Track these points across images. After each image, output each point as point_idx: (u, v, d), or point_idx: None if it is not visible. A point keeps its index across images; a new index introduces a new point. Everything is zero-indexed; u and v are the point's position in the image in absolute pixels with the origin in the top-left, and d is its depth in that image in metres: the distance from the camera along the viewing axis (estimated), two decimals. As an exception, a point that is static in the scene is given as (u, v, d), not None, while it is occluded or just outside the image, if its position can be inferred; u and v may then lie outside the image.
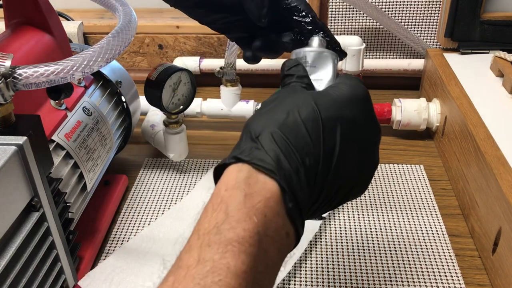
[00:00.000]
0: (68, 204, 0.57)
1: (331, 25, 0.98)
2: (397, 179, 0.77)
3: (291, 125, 0.36)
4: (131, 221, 0.70)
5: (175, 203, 0.73)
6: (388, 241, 0.66)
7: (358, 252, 0.64)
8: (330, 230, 0.67)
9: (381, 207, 0.71)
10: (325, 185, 0.36)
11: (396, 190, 0.74)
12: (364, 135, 0.39)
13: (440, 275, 0.60)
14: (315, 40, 0.44)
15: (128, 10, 0.57)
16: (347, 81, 0.40)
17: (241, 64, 0.99)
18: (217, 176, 0.37)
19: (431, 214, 0.70)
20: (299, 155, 0.35)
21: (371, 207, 0.71)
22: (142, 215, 0.71)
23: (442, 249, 0.64)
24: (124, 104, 0.74)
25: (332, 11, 0.97)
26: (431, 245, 0.65)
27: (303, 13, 0.47)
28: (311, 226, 0.66)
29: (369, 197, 0.73)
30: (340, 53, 0.48)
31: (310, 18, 0.47)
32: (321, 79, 0.42)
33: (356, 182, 0.39)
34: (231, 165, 0.35)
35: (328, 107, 0.37)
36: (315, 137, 0.36)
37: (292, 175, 0.34)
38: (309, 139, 0.35)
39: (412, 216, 0.70)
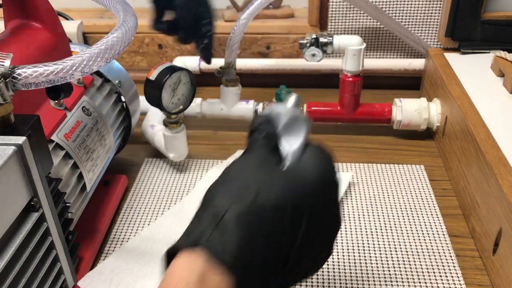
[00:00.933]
0: (67, 204, 0.56)
1: (331, 25, 0.98)
2: (397, 179, 0.77)
3: (259, 210, 0.34)
4: (131, 221, 0.70)
5: (175, 203, 0.73)
6: (388, 241, 0.65)
7: (358, 252, 0.64)
8: (330, 230, 0.67)
9: (381, 207, 0.71)
10: (285, 274, 0.36)
11: (396, 190, 0.74)
12: (326, 225, 0.38)
13: (440, 276, 0.60)
14: (292, 100, 0.43)
15: (129, 9, 0.56)
16: (318, 161, 0.39)
17: (241, 64, 0.99)
18: (169, 257, 0.35)
19: (432, 214, 0.70)
20: (261, 248, 0.33)
21: (371, 207, 0.71)
22: (142, 215, 0.71)
23: (443, 249, 0.64)
24: (124, 104, 0.74)
25: (332, 11, 0.97)
26: (431, 245, 0.65)
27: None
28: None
29: (369, 197, 0.73)
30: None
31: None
32: (290, 144, 0.40)
33: (314, 265, 0.39)
34: (184, 254, 0.33)
35: (298, 194, 0.35)
36: (279, 228, 0.34)
37: (252, 272, 0.33)
38: (273, 229, 0.34)
39: (412, 216, 0.69)
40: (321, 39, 0.81)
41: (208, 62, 0.80)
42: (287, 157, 0.39)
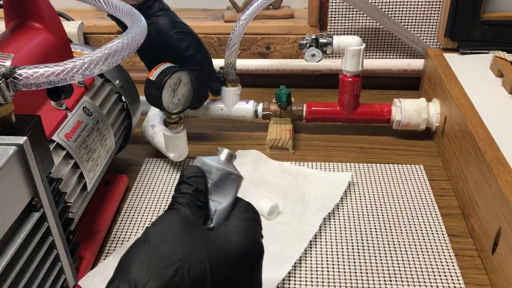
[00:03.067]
0: (68, 204, 0.57)
1: (330, 26, 0.99)
2: (397, 179, 0.77)
3: (178, 286, 0.33)
4: (131, 221, 0.70)
5: (175, 203, 0.73)
6: (388, 241, 0.66)
7: (358, 252, 0.64)
8: (330, 230, 0.67)
9: (381, 207, 0.71)
10: None
11: (395, 190, 0.74)
12: None
13: (440, 275, 0.60)
14: (224, 154, 0.42)
15: (137, 17, 0.56)
16: (243, 228, 0.38)
17: (241, 64, 0.99)
18: None
19: (431, 214, 0.70)
20: None
21: (371, 207, 0.71)
22: (142, 215, 0.71)
23: (442, 249, 0.64)
24: (124, 104, 0.74)
25: (332, 11, 0.97)
26: (431, 245, 0.65)
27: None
28: (311, 227, 0.66)
29: (369, 197, 0.73)
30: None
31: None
32: (219, 202, 0.40)
33: None
34: None
35: (220, 267, 0.35)
36: None
37: None
38: None
39: (412, 216, 0.70)
40: (321, 40, 0.81)
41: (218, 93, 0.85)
42: (213, 216, 0.39)
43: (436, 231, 0.67)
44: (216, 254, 0.35)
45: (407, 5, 0.95)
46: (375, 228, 0.68)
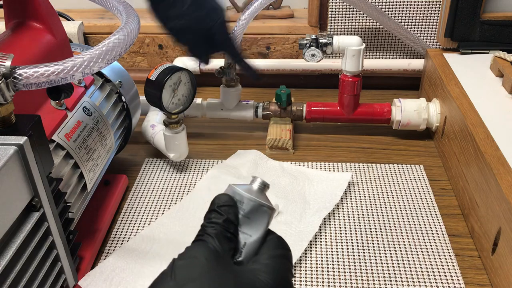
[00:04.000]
0: (68, 204, 0.57)
1: (330, 26, 0.99)
2: (397, 179, 0.77)
3: None
4: (131, 221, 0.70)
5: (175, 203, 0.73)
6: (388, 241, 0.66)
7: (358, 252, 0.64)
8: (330, 230, 0.67)
9: (381, 207, 0.71)
10: None
11: (396, 190, 0.74)
12: None
13: (440, 275, 0.60)
14: (257, 183, 0.39)
15: (131, 11, 0.56)
16: (275, 266, 0.36)
17: (241, 64, 0.99)
18: None
19: (431, 214, 0.70)
20: None
21: (371, 207, 0.71)
22: (142, 215, 0.71)
23: (442, 249, 0.64)
24: (124, 104, 0.74)
25: (332, 11, 0.97)
26: (430, 245, 0.65)
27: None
28: (311, 227, 0.66)
29: (369, 197, 0.73)
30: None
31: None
32: (249, 234, 0.37)
33: None
34: None
35: None
36: None
37: None
38: None
39: (412, 216, 0.70)
40: (321, 40, 0.81)
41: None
42: (242, 249, 0.37)
43: (436, 231, 0.67)
44: None
45: (407, 5, 0.95)
46: (375, 228, 0.68)
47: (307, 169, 0.78)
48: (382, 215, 0.70)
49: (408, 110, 0.84)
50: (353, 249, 0.64)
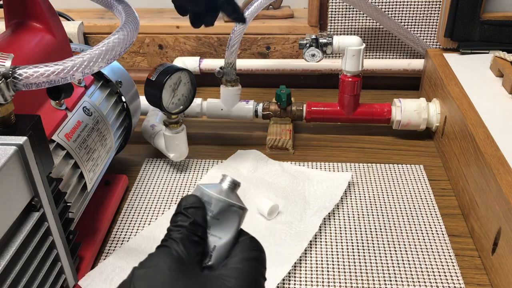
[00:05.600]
0: (68, 204, 0.57)
1: (330, 26, 0.99)
2: (397, 179, 0.77)
3: None
4: (131, 221, 0.70)
5: (175, 203, 0.73)
6: (388, 241, 0.66)
7: (358, 252, 0.64)
8: (330, 230, 0.67)
9: (381, 207, 0.71)
10: None
11: (396, 190, 0.74)
12: None
13: (440, 275, 0.60)
14: (227, 182, 0.37)
15: (131, 11, 0.57)
16: (246, 270, 0.34)
17: (241, 64, 0.99)
18: None
19: (431, 214, 0.70)
20: None
21: (371, 207, 0.71)
22: (142, 215, 0.71)
23: (442, 249, 0.64)
24: (124, 104, 0.74)
25: (332, 11, 0.97)
26: (430, 245, 0.65)
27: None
28: (311, 227, 0.66)
29: (369, 197, 0.73)
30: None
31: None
32: (219, 237, 0.35)
33: None
34: None
35: None
36: None
37: None
38: None
39: (412, 216, 0.70)
40: (321, 40, 0.81)
41: (243, 19, 0.68)
42: (212, 253, 0.35)
43: (436, 231, 0.67)
44: None
45: (407, 5, 0.95)
46: (375, 228, 0.68)
47: (307, 169, 0.78)
48: (382, 215, 0.70)
49: (408, 110, 0.84)
50: (353, 249, 0.64)
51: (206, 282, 0.33)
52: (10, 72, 0.44)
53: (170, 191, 0.76)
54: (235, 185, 0.37)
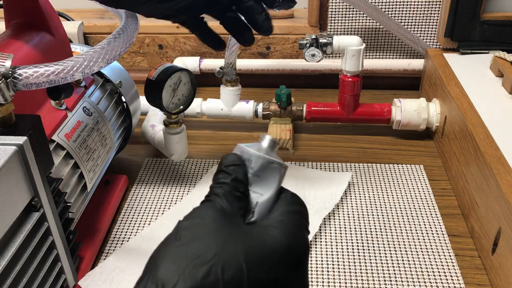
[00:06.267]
0: (68, 204, 0.57)
1: (330, 26, 0.99)
2: (397, 179, 0.77)
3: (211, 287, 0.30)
4: (131, 221, 0.70)
5: (175, 203, 0.73)
6: (388, 241, 0.66)
7: (358, 252, 0.64)
8: (330, 230, 0.67)
9: (381, 207, 0.71)
10: None
11: (396, 190, 0.74)
12: None
13: (440, 275, 0.60)
14: (266, 141, 0.38)
15: (130, 11, 0.57)
16: (288, 222, 0.34)
17: (241, 64, 0.99)
18: None
19: (431, 214, 0.70)
20: None
21: (371, 207, 0.71)
22: (142, 215, 0.71)
23: (442, 249, 0.64)
24: (124, 104, 0.74)
25: (332, 11, 0.97)
26: (430, 245, 0.65)
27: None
28: (311, 227, 0.66)
29: (369, 197, 0.73)
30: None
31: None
32: (261, 193, 0.36)
33: None
34: None
35: (259, 265, 0.31)
36: None
37: None
38: None
39: (412, 216, 0.70)
40: (321, 40, 0.81)
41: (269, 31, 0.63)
42: (254, 209, 0.35)
43: (436, 231, 0.67)
44: (253, 251, 0.31)
45: (407, 5, 0.95)
46: (375, 228, 0.68)
47: (307, 169, 0.78)
48: (382, 215, 0.70)
49: (408, 110, 0.84)
50: (353, 249, 0.64)
51: (249, 231, 0.33)
52: (10, 72, 0.44)
53: (170, 191, 0.76)
54: (274, 143, 0.38)
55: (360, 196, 0.73)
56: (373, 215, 0.70)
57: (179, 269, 0.30)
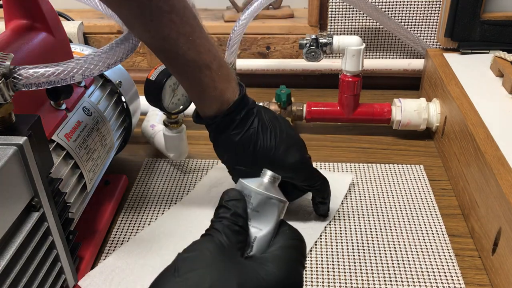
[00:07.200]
0: (68, 204, 0.57)
1: (330, 26, 0.99)
2: (397, 179, 0.77)
3: None
4: (131, 221, 0.70)
5: (175, 203, 0.73)
6: (388, 241, 0.66)
7: (358, 252, 0.64)
8: (330, 230, 0.67)
9: (381, 207, 0.71)
10: None
11: (396, 190, 0.74)
12: None
13: (440, 275, 0.60)
14: (267, 176, 0.39)
15: None
16: (284, 256, 0.35)
17: (241, 64, 0.99)
18: None
19: (431, 214, 0.70)
20: None
21: (371, 207, 0.71)
22: (142, 215, 0.71)
23: (442, 249, 0.64)
24: (124, 104, 0.74)
25: (332, 11, 0.97)
26: (431, 245, 0.65)
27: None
28: (311, 230, 0.66)
29: (369, 197, 0.73)
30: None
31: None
32: (260, 228, 0.37)
33: None
34: None
35: None
36: None
37: None
38: None
39: (412, 216, 0.70)
40: (321, 40, 0.81)
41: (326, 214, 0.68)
42: (253, 243, 0.37)
43: (436, 231, 0.67)
44: (248, 284, 0.33)
45: (407, 5, 0.95)
46: (375, 228, 0.68)
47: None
48: (382, 215, 0.70)
49: (408, 110, 0.84)
50: (353, 249, 0.64)
51: (245, 266, 0.34)
52: (10, 72, 0.43)
53: (170, 191, 0.76)
54: (274, 178, 0.39)
55: (360, 196, 0.73)
56: (373, 215, 0.70)
57: None
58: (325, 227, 0.68)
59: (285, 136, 0.58)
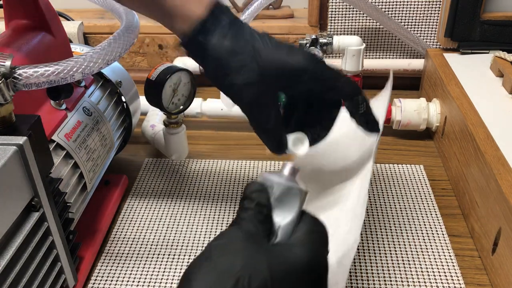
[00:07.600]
0: (68, 204, 0.57)
1: (330, 26, 0.99)
2: (397, 179, 0.77)
3: None
4: (131, 221, 0.70)
5: (175, 203, 0.73)
6: (388, 240, 0.66)
7: (358, 252, 0.64)
8: (330, 230, 0.67)
9: (381, 207, 0.71)
10: None
11: (396, 190, 0.74)
12: None
13: (440, 275, 0.60)
14: (287, 168, 0.41)
15: (130, 12, 0.57)
16: (308, 240, 0.37)
17: (241, 64, 0.99)
18: None
19: (431, 214, 0.70)
20: None
21: (371, 207, 0.71)
22: (142, 215, 0.71)
23: (442, 249, 0.64)
24: (124, 104, 0.74)
25: (332, 11, 0.97)
26: (431, 245, 0.65)
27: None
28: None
29: (369, 197, 0.73)
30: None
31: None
32: (283, 217, 0.39)
33: None
34: None
35: (281, 279, 0.34)
36: None
37: None
38: None
39: (412, 216, 0.70)
40: (321, 40, 0.81)
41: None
42: (277, 231, 0.38)
43: (436, 231, 0.67)
44: (277, 266, 0.35)
45: (407, 5, 0.95)
46: (375, 228, 0.68)
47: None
48: (382, 215, 0.70)
49: (408, 110, 0.84)
50: (353, 249, 0.64)
51: (273, 250, 0.36)
52: (10, 72, 0.44)
53: (170, 191, 0.76)
54: (294, 170, 0.41)
55: (360, 196, 0.73)
56: (372, 215, 0.70)
57: (210, 282, 0.33)
58: (325, 227, 0.68)
59: (283, 44, 0.51)
